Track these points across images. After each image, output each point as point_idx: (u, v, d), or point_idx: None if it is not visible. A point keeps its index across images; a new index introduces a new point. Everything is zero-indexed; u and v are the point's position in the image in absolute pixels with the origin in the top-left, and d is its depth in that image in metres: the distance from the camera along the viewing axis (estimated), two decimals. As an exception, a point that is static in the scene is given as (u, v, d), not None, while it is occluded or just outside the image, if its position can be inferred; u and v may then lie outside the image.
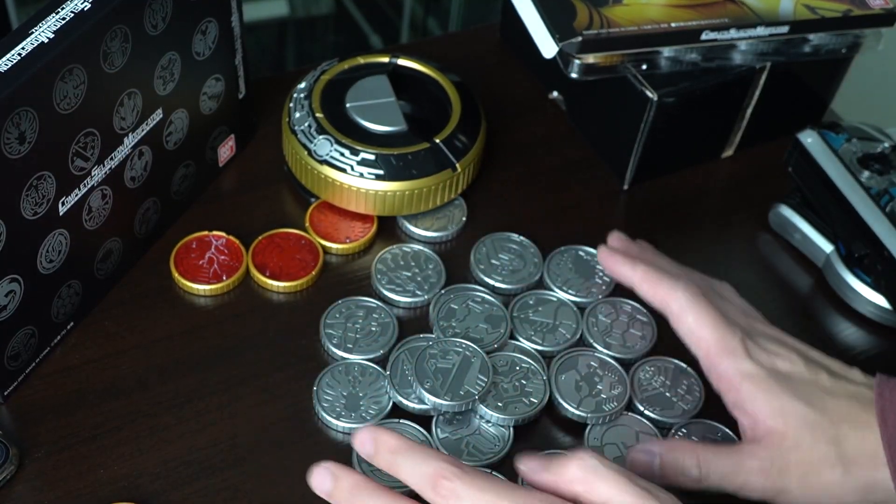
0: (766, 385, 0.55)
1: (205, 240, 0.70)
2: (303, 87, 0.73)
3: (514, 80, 0.84)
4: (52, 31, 0.54)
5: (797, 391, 0.55)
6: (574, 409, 0.62)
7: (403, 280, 0.68)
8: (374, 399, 0.62)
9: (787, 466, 0.54)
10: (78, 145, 0.58)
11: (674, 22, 0.69)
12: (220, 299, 0.68)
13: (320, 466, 0.50)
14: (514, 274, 0.69)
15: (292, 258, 0.69)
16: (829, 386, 0.56)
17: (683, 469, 0.55)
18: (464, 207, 0.73)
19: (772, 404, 0.55)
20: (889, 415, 0.54)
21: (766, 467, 0.54)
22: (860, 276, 0.70)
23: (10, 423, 0.61)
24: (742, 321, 0.59)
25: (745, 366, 0.56)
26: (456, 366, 0.62)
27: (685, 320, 0.58)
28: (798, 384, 0.56)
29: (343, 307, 0.67)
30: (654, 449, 0.56)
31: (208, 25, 0.66)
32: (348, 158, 0.69)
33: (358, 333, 0.65)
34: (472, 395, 0.61)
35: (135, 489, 0.59)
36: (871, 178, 0.70)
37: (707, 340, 0.57)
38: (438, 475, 0.47)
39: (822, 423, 0.54)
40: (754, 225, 0.76)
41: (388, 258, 0.70)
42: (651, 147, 0.74)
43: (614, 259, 0.63)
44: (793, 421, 0.54)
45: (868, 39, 0.74)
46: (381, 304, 0.67)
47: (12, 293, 0.58)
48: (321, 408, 0.62)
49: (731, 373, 0.56)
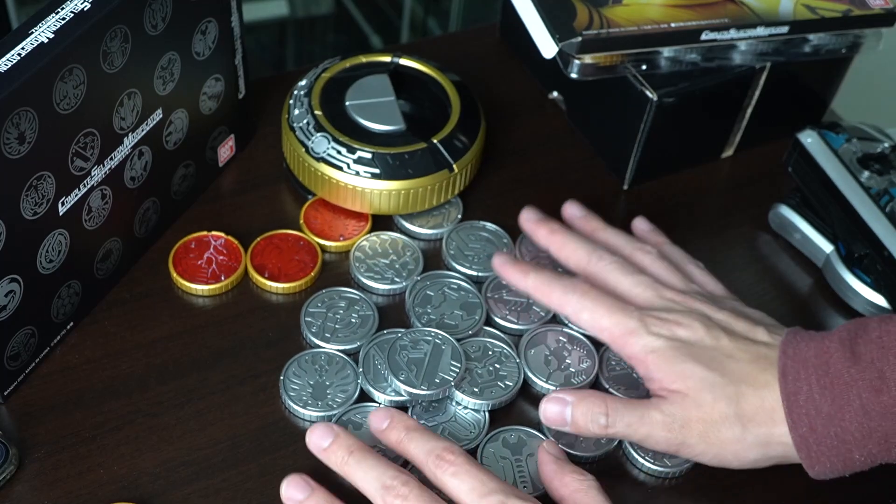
0: (669, 355, 0.59)
1: (204, 240, 0.70)
2: (303, 84, 0.73)
3: (514, 80, 0.84)
4: (52, 31, 0.54)
5: (698, 357, 0.58)
6: (543, 382, 0.63)
7: (381, 267, 0.69)
8: (340, 388, 0.63)
9: (689, 422, 0.58)
10: (78, 145, 0.58)
11: (674, 22, 0.69)
12: (220, 300, 0.68)
13: (320, 425, 0.57)
14: (488, 260, 0.69)
15: (291, 259, 0.69)
16: (730, 349, 0.59)
17: (593, 416, 0.58)
18: (459, 206, 0.73)
19: (674, 370, 0.58)
20: (789, 371, 0.57)
21: (668, 421, 0.58)
22: (860, 276, 0.70)
23: (10, 423, 0.61)
24: (646, 295, 0.62)
25: (646, 341, 0.59)
26: (428, 355, 0.63)
27: (582, 318, 0.62)
28: (699, 350, 0.59)
29: (325, 297, 0.67)
30: (567, 398, 0.59)
31: (208, 25, 0.66)
32: (345, 156, 0.69)
33: (338, 324, 0.66)
34: (447, 382, 0.62)
35: (135, 489, 0.59)
36: (870, 178, 0.70)
37: (607, 329, 0.61)
38: (445, 450, 0.54)
39: (721, 384, 0.58)
40: (754, 225, 0.76)
41: (365, 246, 0.70)
42: (651, 147, 0.74)
43: (506, 269, 0.65)
44: (692, 383, 0.58)
45: (868, 39, 0.74)
46: (363, 295, 0.67)
47: (12, 293, 0.58)
48: (288, 397, 0.62)
49: (637, 350, 0.60)
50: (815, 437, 0.56)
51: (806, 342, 0.58)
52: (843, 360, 0.56)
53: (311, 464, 0.60)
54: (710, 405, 0.57)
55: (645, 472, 0.62)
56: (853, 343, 0.57)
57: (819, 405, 0.56)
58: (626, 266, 0.64)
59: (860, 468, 0.57)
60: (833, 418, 0.55)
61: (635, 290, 0.62)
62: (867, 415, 0.55)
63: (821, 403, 0.56)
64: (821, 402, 0.56)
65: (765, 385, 0.58)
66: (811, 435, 0.56)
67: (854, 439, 0.55)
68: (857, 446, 0.56)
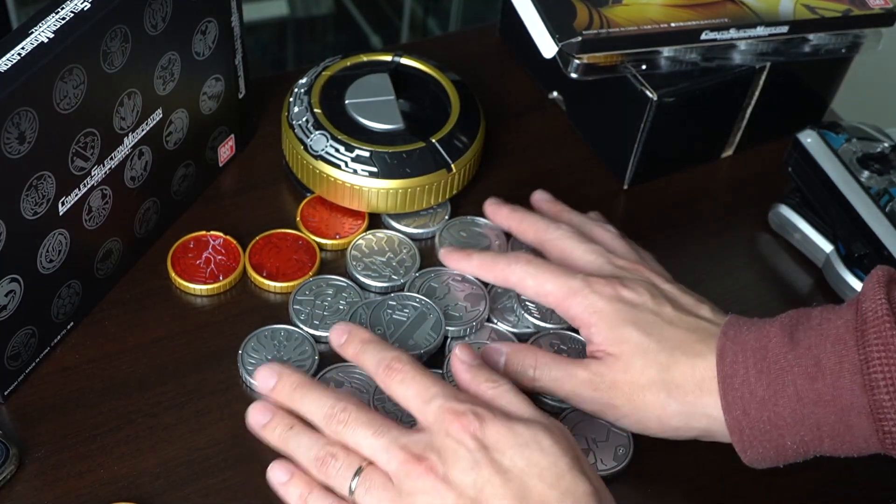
0: (610, 316, 0.60)
1: (202, 240, 0.70)
2: (304, 82, 0.73)
3: (513, 80, 0.84)
4: (52, 31, 0.54)
5: (637, 320, 0.59)
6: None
7: (378, 265, 0.69)
8: (297, 362, 0.64)
9: (616, 384, 0.59)
10: (78, 145, 0.58)
11: (674, 22, 0.69)
12: (219, 300, 0.68)
13: (265, 366, 0.58)
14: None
15: (289, 259, 0.69)
16: (671, 317, 0.60)
17: (523, 367, 0.60)
18: (447, 206, 0.73)
19: (613, 332, 0.59)
20: (727, 353, 0.57)
21: (595, 381, 0.59)
22: (860, 276, 0.69)
23: (10, 423, 0.61)
24: (597, 262, 0.64)
25: (590, 300, 0.60)
26: (410, 319, 0.64)
27: (527, 285, 0.63)
28: (640, 313, 0.60)
29: (313, 285, 0.68)
30: (503, 348, 0.61)
31: (208, 25, 0.66)
32: (343, 155, 0.69)
33: (326, 311, 0.66)
34: (418, 349, 0.63)
35: (135, 489, 0.59)
36: (870, 178, 0.70)
37: (552, 293, 0.62)
38: (394, 359, 0.56)
39: (654, 350, 0.58)
40: (754, 225, 0.76)
41: (361, 244, 0.70)
42: (651, 147, 0.74)
43: (450, 256, 0.67)
44: (627, 348, 0.59)
45: (868, 39, 0.74)
46: (351, 283, 0.68)
47: (12, 293, 0.58)
48: (245, 372, 0.63)
49: (580, 310, 0.61)
50: (749, 421, 0.56)
51: (748, 326, 0.58)
52: (781, 346, 0.56)
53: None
54: (640, 370, 0.58)
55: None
56: (793, 329, 0.56)
57: (754, 389, 0.56)
58: (579, 235, 0.66)
59: (793, 458, 0.57)
60: (767, 402, 0.55)
61: (587, 258, 0.64)
62: (801, 401, 0.55)
63: (756, 387, 0.56)
64: (756, 385, 0.56)
65: (698, 354, 0.58)
66: (744, 418, 0.56)
67: (786, 424, 0.55)
68: (788, 432, 0.55)
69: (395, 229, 0.72)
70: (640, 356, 0.58)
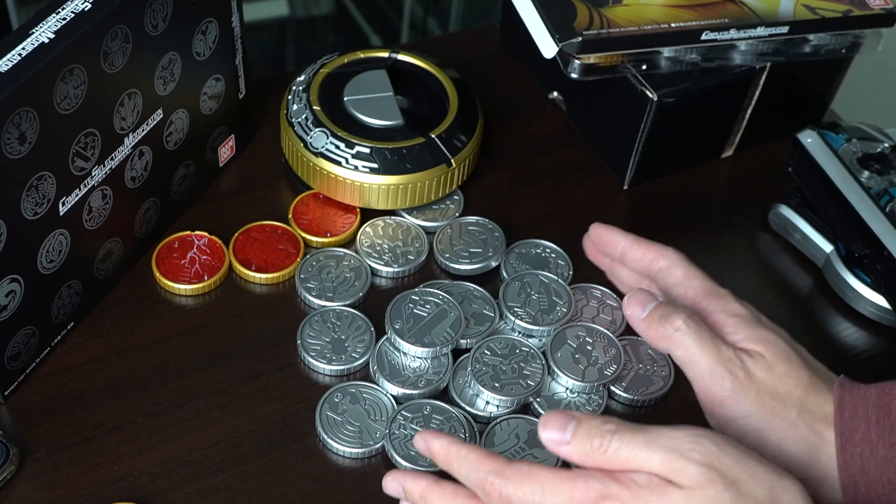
0: (751, 322, 0.57)
1: (187, 239, 0.69)
2: (302, 79, 0.73)
3: (514, 80, 0.84)
4: (53, 31, 0.54)
5: (779, 332, 0.57)
6: (578, 381, 0.63)
7: (391, 249, 0.70)
8: (358, 339, 0.64)
9: (752, 376, 0.55)
10: (78, 145, 0.58)
11: (674, 22, 0.69)
12: (219, 300, 0.68)
13: (389, 477, 0.52)
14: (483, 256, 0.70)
15: (274, 249, 0.69)
16: (803, 352, 0.57)
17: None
18: (460, 202, 0.73)
19: (754, 332, 0.56)
20: (846, 406, 0.53)
21: (734, 364, 0.55)
22: (860, 276, 0.70)
23: (10, 423, 0.61)
24: None
25: (732, 307, 0.58)
26: (431, 315, 0.65)
27: (675, 273, 0.60)
28: (781, 332, 0.57)
29: (313, 260, 0.69)
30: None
31: (208, 25, 0.66)
32: (343, 151, 0.69)
33: (334, 282, 0.67)
34: (434, 345, 0.63)
35: (135, 489, 0.59)
36: (870, 178, 0.70)
37: (697, 287, 0.59)
38: (485, 481, 0.48)
39: (797, 361, 0.55)
40: (754, 225, 0.76)
41: (370, 232, 0.71)
42: (651, 147, 0.74)
43: (605, 228, 0.64)
44: (772, 348, 0.55)
45: (868, 40, 0.74)
46: (348, 251, 0.69)
47: (12, 293, 0.58)
48: (309, 356, 0.64)
49: (720, 311, 0.58)
50: (867, 481, 0.52)
51: (864, 383, 0.54)
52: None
53: (312, 464, 0.60)
54: (781, 375, 0.55)
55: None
56: None
57: (875, 447, 0.52)
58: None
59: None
60: (889, 462, 0.52)
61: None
62: None
63: (877, 445, 0.52)
64: (878, 443, 0.52)
65: (826, 392, 0.55)
66: (862, 478, 0.52)
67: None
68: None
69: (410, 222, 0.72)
70: (784, 362, 0.55)
